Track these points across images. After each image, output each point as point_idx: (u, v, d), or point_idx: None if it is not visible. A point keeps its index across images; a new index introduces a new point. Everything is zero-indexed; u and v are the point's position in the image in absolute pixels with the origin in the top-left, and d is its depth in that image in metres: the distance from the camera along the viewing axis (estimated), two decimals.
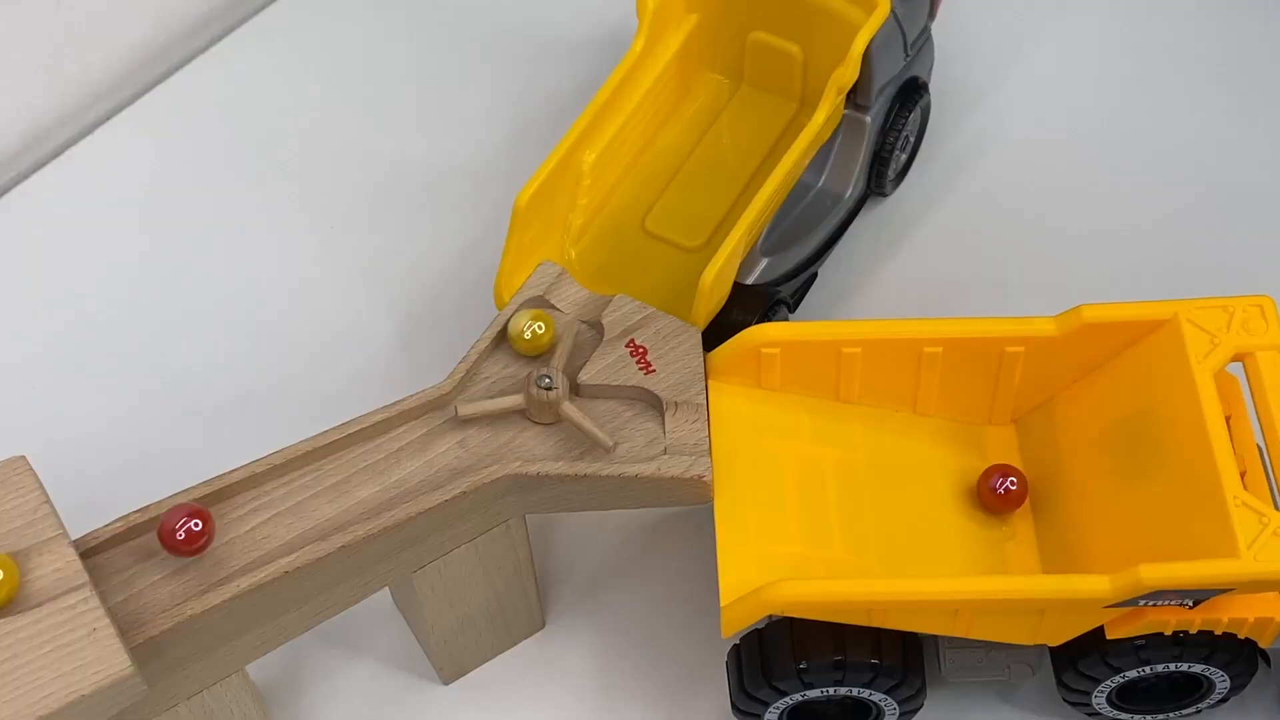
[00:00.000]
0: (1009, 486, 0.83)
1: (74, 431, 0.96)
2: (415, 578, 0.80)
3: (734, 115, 1.01)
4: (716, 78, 1.02)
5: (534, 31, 1.14)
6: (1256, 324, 0.81)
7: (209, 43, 1.14)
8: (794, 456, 0.84)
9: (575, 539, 0.92)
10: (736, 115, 1.01)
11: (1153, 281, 0.99)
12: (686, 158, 0.99)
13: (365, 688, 0.88)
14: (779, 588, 0.76)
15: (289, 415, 0.91)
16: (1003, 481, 0.84)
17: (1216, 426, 0.78)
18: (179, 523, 0.73)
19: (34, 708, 0.68)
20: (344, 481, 0.78)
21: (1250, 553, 0.74)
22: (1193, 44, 1.11)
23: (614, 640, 0.89)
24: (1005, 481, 0.83)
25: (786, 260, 0.95)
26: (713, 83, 1.02)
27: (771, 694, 0.80)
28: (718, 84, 1.02)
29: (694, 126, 1.00)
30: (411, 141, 1.09)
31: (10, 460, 0.74)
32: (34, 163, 1.10)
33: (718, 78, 1.02)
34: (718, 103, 1.01)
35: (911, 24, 0.97)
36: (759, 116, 1.01)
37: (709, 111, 1.01)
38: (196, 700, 0.77)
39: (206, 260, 1.04)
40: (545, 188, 0.90)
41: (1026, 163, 1.06)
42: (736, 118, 1.01)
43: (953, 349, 0.84)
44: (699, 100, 1.01)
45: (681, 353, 0.83)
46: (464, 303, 1.00)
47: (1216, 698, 0.82)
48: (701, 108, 1.01)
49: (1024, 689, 0.86)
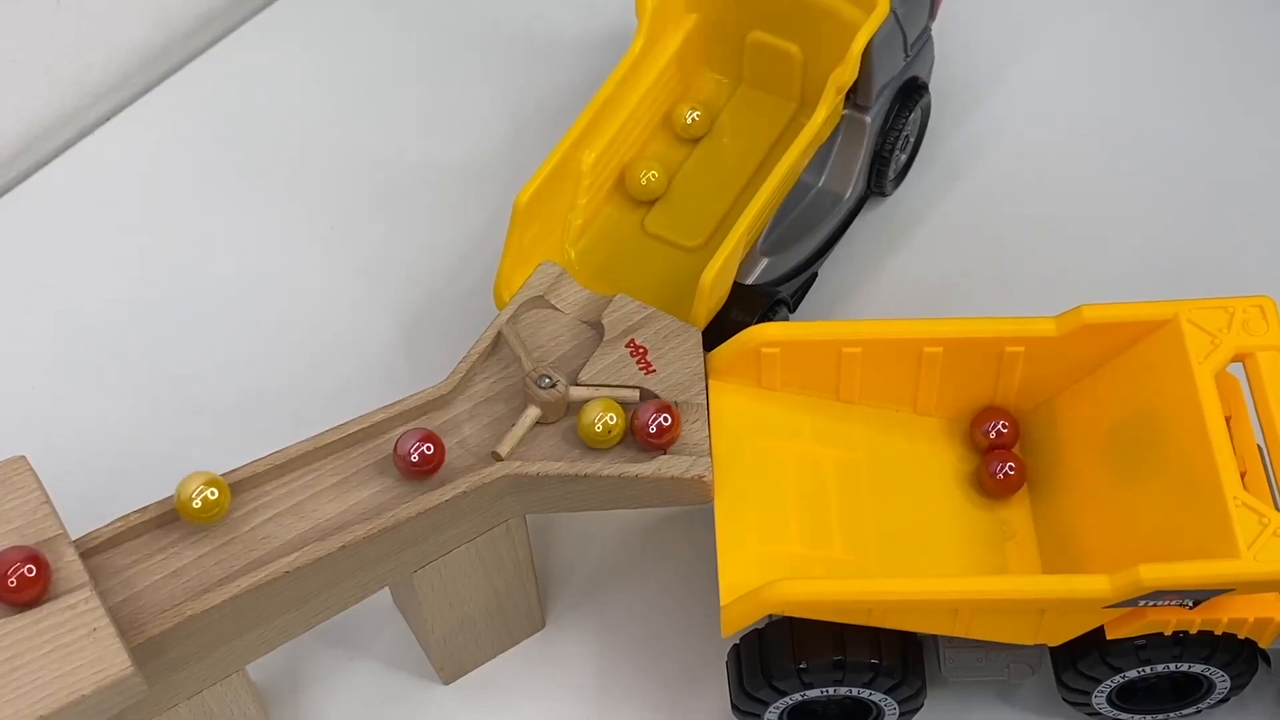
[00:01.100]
0: (1008, 471, 0.84)
1: (74, 431, 0.96)
2: (415, 578, 0.80)
3: (733, 115, 1.01)
4: (716, 77, 1.02)
5: (534, 31, 1.14)
6: (1257, 324, 0.81)
7: (209, 43, 1.14)
8: (794, 456, 0.84)
9: (575, 539, 0.92)
10: (736, 115, 1.01)
11: (1153, 281, 0.99)
12: (686, 157, 0.99)
13: (365, 688, 0.88)
14: (779, 587, 0.76)
15: (289, 415, 0.91)
16: (1001, 466, 0.84)
17: (1217, 427, 0.78)
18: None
19: (34, 708, 0.68)
20: (344, 481, 0.78)
21: (1250, 553, 0.74)
22: (1193, 44, 1.11)
23: (614, 640, 0.89)
24: (1004, 467, 0.84)
25: (787, 260, 0.95)
26: (712, 82, 1.02)
27: (771, 694, 0.80)
28: (717, 84, 1.02)
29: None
30: (411, 141, 1.09)
31: (10, 460, 0.74)
32: (34, 163, 1.10)
33: (717, 77, 1.02)
34: (717, 102, 1.01)
35: (911, 24, 0.97)
36: (758, 116, 1.01)
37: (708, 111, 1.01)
38: (196, 700, 0.77)
39: (206, 260, 1.04)
40: (545, 187, 0.90)
41: (1026, 163, 1.06)
42: (736, 118, 1.01)
43: (953, 349, 0.84)
44: (698, 100, 1.01)
45: (682, 353, 0.83)
46: (464, 303, 1.00)
47: (1216, 698, 0.82)
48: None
49: (1024, 689, 0.86)
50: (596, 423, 0.78)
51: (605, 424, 0.78)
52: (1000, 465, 0.84)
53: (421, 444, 0.77)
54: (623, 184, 0.97)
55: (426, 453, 0.77)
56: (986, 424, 0.86)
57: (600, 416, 0.78)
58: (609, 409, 0.79)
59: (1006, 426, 0.86)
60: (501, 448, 0.78)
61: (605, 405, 0.79)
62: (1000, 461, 0.84)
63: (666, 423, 0.78)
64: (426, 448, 0.77)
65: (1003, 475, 0.84)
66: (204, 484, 0.75)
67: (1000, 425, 0.86)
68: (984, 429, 0.86)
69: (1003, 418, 0.86)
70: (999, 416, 0.86)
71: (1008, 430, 0.86)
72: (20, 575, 0.70)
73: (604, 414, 0.78)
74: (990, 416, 0.86)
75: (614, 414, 0.78)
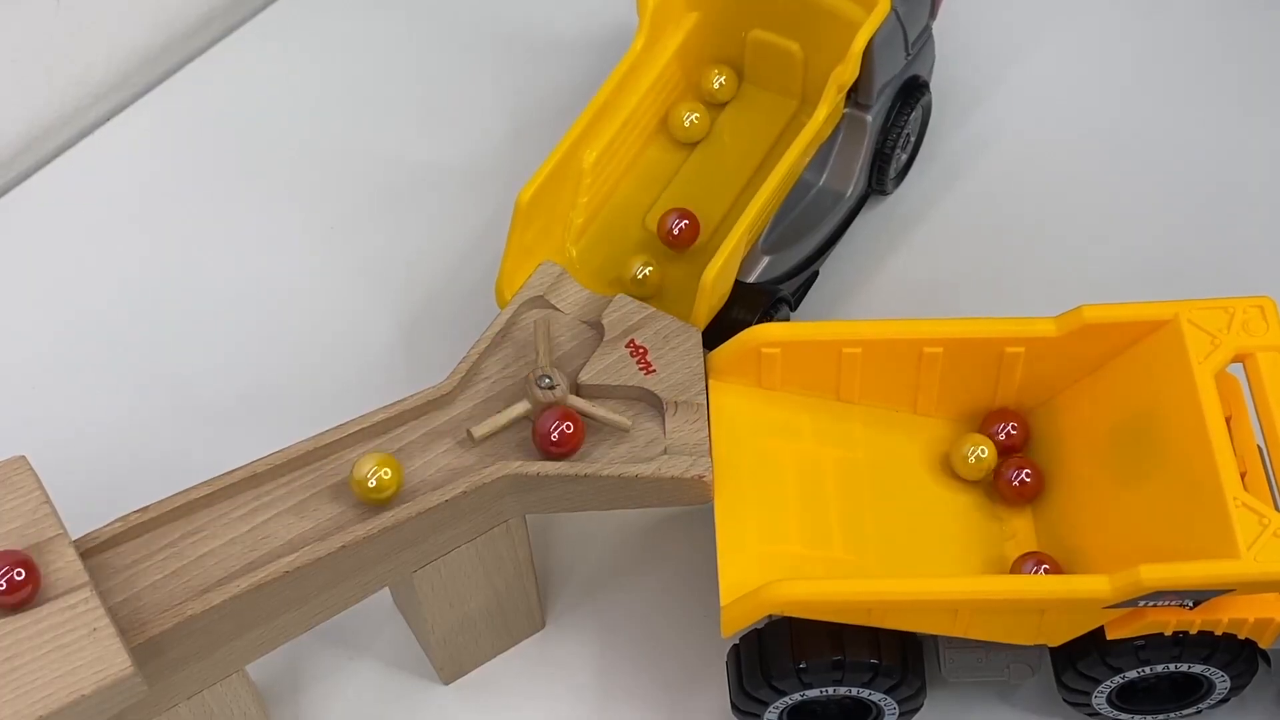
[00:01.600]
0: (1024, 479, 0.84)
1: (74, 431, 0.96)
2: (415, 578, 0.80)
3: (734, 114, 1.01)
4: (717, 75, 1.02)
5: (534, 31, 1.14)
6: (1257, 325, 0.81)
7: (209, 43, 1.14)
8: (794, 456, 0.84)
9: (575, 539, 0.92)
10: (737, 114, 1.01)
11: (1153, 282, 0.99)
12: (687, 156, 0.99)
13: (365, 688, 0.88)
14: (778, 587, 0.76)
15: (289, 415, 0.91)
16: (1018, 473, 0.84)
17: (1217, 427, 0.77)
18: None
19: (34, 707, 0.68)
20: (344, 481, 0.78)
21: (1250, 553, 0.74)
22: (1193, 44, 1.11)
23: (614, 640, 0.89)
24: (1021, 474, 0.84)
25: (788, 259, 0.95)
26: (713, 80, 1.02)
27: (771, 694, 0.80)
28: (718, 82, 1.02)
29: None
30: (411, 141, 1.09)
31: (10, 460, 0.74)
32: (34, 163, 1.10)
33: (718, 75, 1.02)
34: (718, 101, 1.01)
35: (913, 22, 0.97)
36: (759, 115, 1.01)
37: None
38: (196, 700, 0.77)
39: (206, 260, 1.04)
40: (546, 186, 0.90)
41: (1027, 162, 1.06)
42: (737, 116, 1.01)
43: (953, 349, 0.84)
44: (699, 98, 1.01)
45: (681, 353, 0.83)
46: (464, 302, 1.00)
47: (1217, 698, 0.82)
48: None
49: (1024, 689, 0.86)
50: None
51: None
52: (1017, 472, 0.84)
53: (562, 423, 0.78)
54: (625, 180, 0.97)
55: (566, 431, 0.78)
56: (996, 426, 0.86)
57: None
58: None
59: (1016, 428, 0.86)
60: (478, 430, 0.78)
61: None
62: (1017, 468, 0.84)
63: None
64: (567, 426, 0.78)
65: (1019, 482, 0.84)
66: (376, 465, 0.76)
67: (1010, 427, 0.86)
68: (994, 431, 0.86)
69: (1012, 419, 0.86)
70: (1008, 418, 0.86)
71: (1018, 432, 0.86)
72: (9, 579, 0.70)
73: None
74: (999, 419, 0.86)
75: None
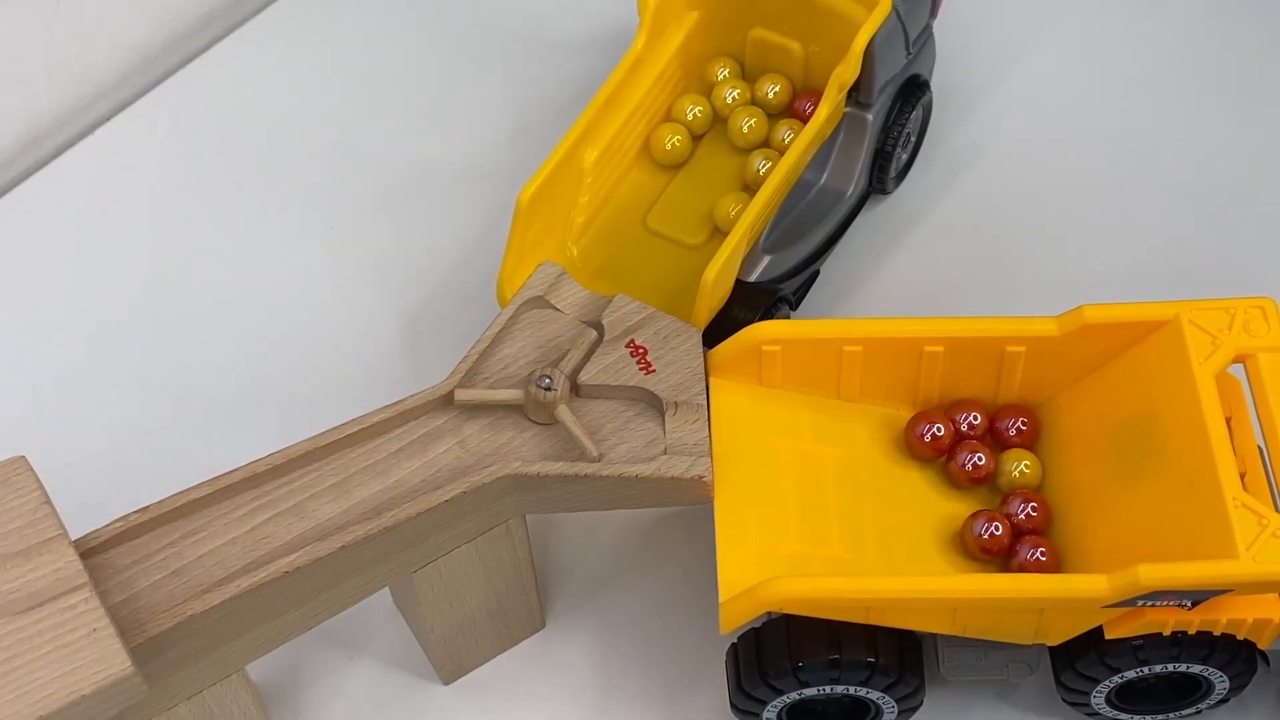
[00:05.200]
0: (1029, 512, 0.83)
1: (74, 432, 0.96)
2: (415, 578, 0.80)
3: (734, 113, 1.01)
4: (717, 74, 1.02)
5: (535, 30, 1.14)
6: (1258, 325, 0.81)
7: (209, 43, 1.14)
8: (794, 454, 0.84)
9: (575, 539, 0.92)
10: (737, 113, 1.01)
11: (1154, 282, 0.99)
12: (688, 156, 0.99)
13: (365, 688, 0.88)
14: (777, 584, 0.76)
15: (289, 415, 0.91)
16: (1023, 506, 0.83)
17: (1217, 428, 0.77)
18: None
19: (34, 708, 0.68)
20: (344, 481, 0.78)
21: (1249, 554, 0.74)
22: (1193, 44, 1.11)
23: (614, 640, 0.89)
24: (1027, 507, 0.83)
25: (789, 258, 0.94)
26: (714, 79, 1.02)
27: (768, 692, 0.80)
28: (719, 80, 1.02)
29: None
30: (412, 141, 1.09)
31: (10, 460, 0.74)
32: (34, 163, 1.10)
33: (719, 73, 1.02)
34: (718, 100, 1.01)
35: (913, 21, 0.97)
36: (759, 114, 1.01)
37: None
38: (196, 700, 0.77)
39: (207, 260, 1.04)
40: (547, 186, 0.90)
41: (1028, 162, 1.06)
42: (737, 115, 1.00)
43: (954, 348, 0.84)
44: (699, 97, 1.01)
45: (682, 353, 0.83)
46: (465, 302, 1.00)
47: (1216, 698, 0.82)
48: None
49: (1023, 688, 0.86)
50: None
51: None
52: (1022, 505, 0.83)
53: (990, 524, 0.81)
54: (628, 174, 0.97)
55: (995, 533, 0.81)
56: (1006, 420, 0.85)
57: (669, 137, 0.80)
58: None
59: (1026, 424, 0.85)
60: (461, 394, 0.79)
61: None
62: (1022, 500, 0.83)
63: (998, 531, 0.80)
64: (995, 528, 0.81)
65: (1024, 515, 0.83)
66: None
67: (1020, 422, 0.85)
68: (1004, 425, 0.85)
69: (1023, 414, 0.85)
70: (1019, 414, 0.85)
71: (1028, 427, 0.85)
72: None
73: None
74: (1010, 414, 0.86)
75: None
